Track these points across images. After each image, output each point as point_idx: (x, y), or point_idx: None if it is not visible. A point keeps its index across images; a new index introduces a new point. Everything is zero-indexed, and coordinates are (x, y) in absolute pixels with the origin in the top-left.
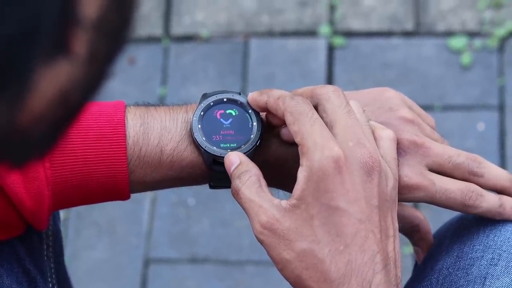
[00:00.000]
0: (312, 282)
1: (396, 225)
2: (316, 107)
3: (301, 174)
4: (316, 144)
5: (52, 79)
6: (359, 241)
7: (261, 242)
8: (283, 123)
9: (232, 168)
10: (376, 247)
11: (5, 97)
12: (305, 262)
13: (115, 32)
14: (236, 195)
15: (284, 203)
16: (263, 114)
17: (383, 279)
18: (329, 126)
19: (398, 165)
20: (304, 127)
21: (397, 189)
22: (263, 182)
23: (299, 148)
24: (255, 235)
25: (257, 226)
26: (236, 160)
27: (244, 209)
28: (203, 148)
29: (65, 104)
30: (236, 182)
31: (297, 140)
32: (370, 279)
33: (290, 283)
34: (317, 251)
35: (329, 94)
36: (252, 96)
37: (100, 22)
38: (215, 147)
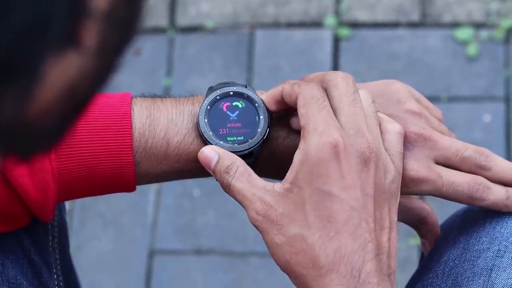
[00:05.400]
0: (300, 267)
1: (394, 218)
2: None
3: (297, 157)
4: (316, 129)
5: (61, 71)
6: (351, 228)
7: (257, 228)
8: (290, 108)
9: (213, 164)
10: (368, 236)
11: (14, 90)
12: (295, 247)
13: (125, 24)
14: (227, 189)
15: (277, 186)
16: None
17: (373, 267)
18: (333, 112)
19: (405, 158)
20: (311, 111)
21: (398, 183)
22: (250, 169)
23: (301, 131)
24: (251, 223)
25: (253, 214)
26: (213, 155)
27: (238, 201)
28: (209, 142)
29: (74, 96)
30: (225, 177)
31: (301, 123)
32: (360, 267)
33: (280, 268)
34: (307, 236)
35: (338, 80)
36: (267, 94)
37: (110, 13)
38: (221, 141)
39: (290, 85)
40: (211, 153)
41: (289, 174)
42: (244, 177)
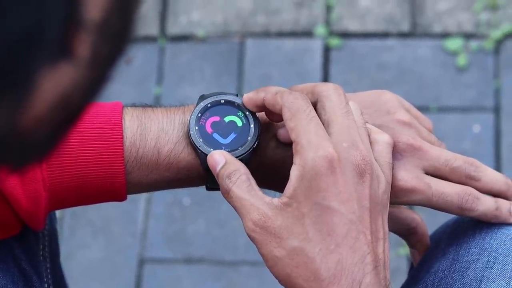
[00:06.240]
0: (301, 280)
1: (386, 228)
2: (315, 104)
3: (294, 172)
4: (311, 143)
5: (54, 83)
6: (350, 241)
7: (252, 239)
8: (282, 120)
9: (218, 168)
10: (366, 248)
11: (8, 100)
12: (296, 260)
13: (117, 35)
14: (226, 194)
15: (276, 201)
16: (260, 115)
17: (373, 280)
18: (326, 124)
19: (394, 168)
20: (300, 124)
21: (389, 193)
22: (253, 180)
23: (293, 145)
24: (247, 233)
25: (249, 224)
26: (221, 159)
27: (235, 208)
28: (200, 150)
29: (66, 107)
30: (226, 182)
31: (292, 137)
32: (360, 280)
33: (280, 281)
34: (307, 249)
35: (329, 92)
36: (248, 95)
37: (103, 25)
38: (212, 149)
39: (272, 94)
40: (219, 157)
41: (287, 189)
42: (245, 185)
